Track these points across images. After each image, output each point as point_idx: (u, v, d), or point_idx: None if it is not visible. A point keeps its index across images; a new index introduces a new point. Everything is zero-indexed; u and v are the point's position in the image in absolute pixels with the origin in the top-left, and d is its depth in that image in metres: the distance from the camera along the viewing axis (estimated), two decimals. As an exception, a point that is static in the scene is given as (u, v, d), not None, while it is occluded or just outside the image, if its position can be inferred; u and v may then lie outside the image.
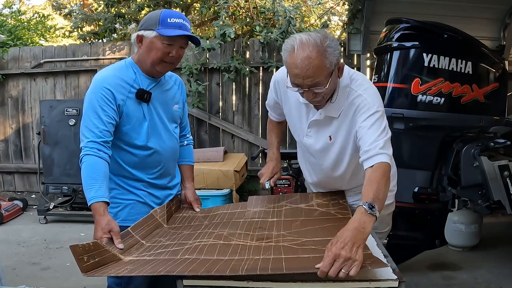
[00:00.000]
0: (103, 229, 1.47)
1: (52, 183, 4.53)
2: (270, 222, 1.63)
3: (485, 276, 3.04)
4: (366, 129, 1.53)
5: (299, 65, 1.46)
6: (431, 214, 3.07)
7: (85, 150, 1.61)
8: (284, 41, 1.56)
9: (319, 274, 1.13)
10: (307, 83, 1.50)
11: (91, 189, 1.55)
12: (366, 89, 1.61)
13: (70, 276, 3.14)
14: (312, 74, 1.47)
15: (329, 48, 1.48)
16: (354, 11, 4.61)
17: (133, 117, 1.72)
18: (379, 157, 1.47)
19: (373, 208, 1.30)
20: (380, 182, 1.41)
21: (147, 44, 1.69)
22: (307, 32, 1.55)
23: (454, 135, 2.94)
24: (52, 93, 5.41)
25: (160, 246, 1.47)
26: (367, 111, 1.55)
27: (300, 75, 1.48)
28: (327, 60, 1.48)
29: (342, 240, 1.18)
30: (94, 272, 1.28)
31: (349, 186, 1.86)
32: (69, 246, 1.30)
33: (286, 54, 1.51)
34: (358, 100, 1.58)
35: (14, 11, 8.50)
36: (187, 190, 1.96)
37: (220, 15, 5.16)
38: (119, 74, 1.72)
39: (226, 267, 1.22)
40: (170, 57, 1.70)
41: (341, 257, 1.14)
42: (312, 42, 1.46)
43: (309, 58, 1.45)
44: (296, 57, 1.47)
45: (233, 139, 5.23)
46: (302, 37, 1.48)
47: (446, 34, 2.75)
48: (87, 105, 1.67)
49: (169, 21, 1.66)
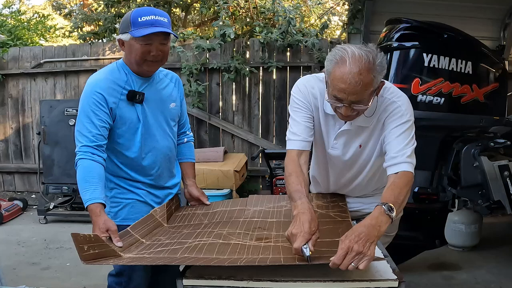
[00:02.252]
0: (101, 229, 1.48)
1: (52, 183, 4.53)
2: (269, 222, 1.64)
3: (485, 276, 3.04)
4: (395, 136, 1.53)
5: (348, 80, 1.38)
6: (431, 214, 3.07)
7: (79, 155, 1.63)
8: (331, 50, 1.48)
9: (331, 265, 1.16)
10: (351, 99, 1.43)
11: (86, 191, 1.56)
12: (400, 97, 1.59)
13: (70, 276, 3.14)
14: (359, 91, 1.41)
15: (379, 66, 1.42)
16: (354, 11, 4.61)
17: (127, 119, 1.72)
18: (405, 165, 1.48)
19: (392, 210, 1.31)
20: (402, 189, 1.43)
21: (127, 47, 1.69)
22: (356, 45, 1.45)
23: (454, 135, 2.94)
24: (52, 93, 5.41)
25: (159, 244, 1.48)
26: (399, 118, 1.54)
27: (347, 91, 1.41)
28: (375, 80, 1.42)
29: (357, 234, 1.20)
30: (93, 261, 1.29)
31: (359, 193, 1.84)
32: (71, 233, 1.31)
33: (333, 65, 1.43)
34: (392, 107, 1.56)
35: (14, 11, 8.51)
36: (190, 187, 1.95)
37: (220, 15, 5.16)
38: (111, 77, 1.71)
39: (225, 261, 1.23)
40: (152, 56, 1.67)
41: (354, 251, 1.16)
42: (364, 58, 1.39)
43: (360, 74, 1.38)
44: (346, 71, 1.39)
45: (233, 139, 5.23)
46: (354, 51, 1.40)
47: (446, 34, 2.75)
48: (80, 110, 1.68)
49: (140, 20, 1.62)
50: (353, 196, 1.85)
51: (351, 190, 1.82)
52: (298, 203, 1.42)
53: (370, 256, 1.16)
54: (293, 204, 1.43)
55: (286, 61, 5.03)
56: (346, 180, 1.78)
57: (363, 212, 1.82)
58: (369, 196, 1.83)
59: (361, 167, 1.71)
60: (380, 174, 1.72)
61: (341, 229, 1.51)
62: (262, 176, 5.13)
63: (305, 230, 1.28)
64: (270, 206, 1.80)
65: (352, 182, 1.78)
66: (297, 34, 4.96)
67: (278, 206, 1.79)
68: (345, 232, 1.43)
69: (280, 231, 1.53)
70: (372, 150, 1.65)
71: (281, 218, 1.68)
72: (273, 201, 1.85)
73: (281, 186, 3.94)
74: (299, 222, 1.32)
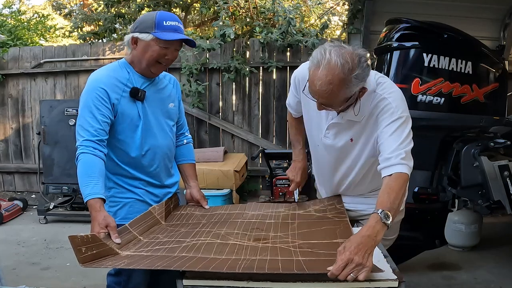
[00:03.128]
0: (100, 224, 1.48)
1: (52, 183, 4.53)
2: (267, 223, 1.64)
3: (485, 276, 3.04)
4: (388, 135, 1.50)
5: (317, 85, 1.40)
6: (431, 214, 3.07)
7: (81, 149, 1.63)
8: (316, 47, 1.50)
9: (329, 275, 1.16)
10: (321, 102, 1.47)
11: (87, 186, 1.56)
12: (391, 93, 1.56)
13: (70, 276, 3.14)
14: (328, 97, 1.42)
15: (355, 79, 1.39)
16: (354, 11, 4.61)
17: (127, 116, 1.73)
18: (400, 167, 1.44)
19: (388, 217, 1.31)
20: (398, 192, 1.41)
21: (142, 46, 1.70)
22: (342, 47, 1.41)
23: (454, 135, 2.94)
24: (52, 93, 5.41)
25: (157, 242, 1.48)
26: (390, 116, 1.51)
27: (316, 94, 1.44)
28: (348, 90, 1.41)
29: (356, 245, 1.20)
30: (91, 263, 1.30)
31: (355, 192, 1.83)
32: (68, 236, 1.31)
33: (311, 65, 1.43)
34: (382, 104, 1.54)
35: (14, 11, 8.52)
36: (192, 188, 1.97)
37: (220, 15, 5.16)
38: (113, 74, 1.73)
39: (223, 265, 1.23)
40: (166, 59, 1.73)
41: (353, 262, 1.17)
42: (339, 68, 1.36)
43: (329, 84, 1.38)
44: (317, 76, 1.39)
45: (233, 139, 5.23)
46: (331, 59, 1.37)
47: (446, 34, 2.75)
48: (82, 105, 1.69)
49: (165, 24, 1.68)
50: (350, 195, 1.84)
51: (346, 188, 1.81)
52: (296, 150, 1.90)
53: (369, 267, 1.18)
54: (293, 150, 1.92)
55: (286, 61, 5.03)
56: (340, 176, 1.77)
57: (360, 213, 1.83)
58: (366, 196, 1.82)
59: (354, 161, 1.69)
60: (373, 173, 1.70)
61: (339, 229, 1.51)
62: (262, 176, 5.13)
63: (297, 179, 1.87)
64: (268, 211, 1.80)
65: (346, 177, 1.76)
66: (297, 34, 4.96)
67: (276, 212, 1.80)
68: (343, 232, 1.44)
69: (278, 232, 1.53)
70: (364, 145, 1.63)
71: (279, 220, 1.68)
72: (271, 207, 1.85)
73: (281, 186, 3.94)
74: (292, 167, 1.89)
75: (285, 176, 3.98)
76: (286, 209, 1.82)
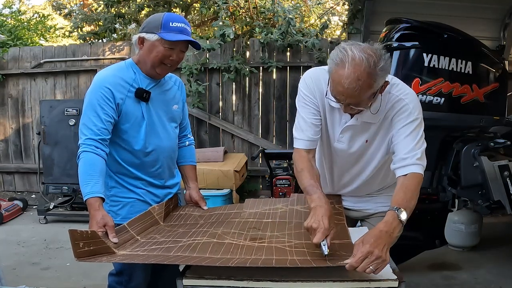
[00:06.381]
0: (98, 223, 1.49)
1: (52, 183, 4.53)
2: (264, 222, 1.64)
3: (485, 276, 3.04)
4: (404, 136, 1.50)
5: (345, 84, 1.36)
6: (431, 214, 3.07)
7: (83, 147, 1.63)
8: (334, 49, 1.43)
9: (348, 267, 1.17)
10: (349, 102, 1.43)
11: (87, 184, 1.57)
12: (408, 94, 1.54)
13: (70, 276, 3.14)
14: (357, 95, 1.38)
15: (381, 71, 1.37)
16: (354, 11, 4.61)
17: (131, 116, 1.74)
18: (415, 167, 1.46)
19: (404, 215, 1.33)
20: (414, 192, 1.42)
21: (148, 46, 1.71)
22: (358, 44, 1.39)
23: (454, 135, 2.94)
24: (52, 93, 5.41)
25: (154, 242, 1.48)
26: (407, 117, 1.51)
27: (344, 94, 1.39)
28: (376, 84, 1.39)
29: (375, 239, 1.22)
30: (86, 258, 1.31)
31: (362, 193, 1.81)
32: (68, 230, 1.32)
33: (333, 66, 1.39)
34: (400, 105, 1.52)
35: (14, 11, 8.51)
36: (192, 190, 1.97)
37: (220, 15, 5.16)
38: (119, 74, 1.74)
39: (217, 262, 1.24)
40: (170, 60, 1.73)
41: (374, 255, 1.17)
42: (365, 62, 1.34)
43: (358, 80, 1.34)
44: (344, 75, 1.35)
45: (233, 139, 5.23)
46: (355, 54, 1.34)
47: (446, 34, 2.75)
48: (87, 104, 1.69)
49: (171, 25, 1.69)
50: (356, 196, 1.81)
51: (354, 190, 1.78)
52: (314, 196, 1.45)
53: (387, 261, 1.19)
54: (309, 198, 1.47)
55: (286, 61, 5.03)
56: (351, 176, 1.74)
57: (366, 213, 1.81)
58: (374, 196, 1.80)
59: (367, 162, 1.68)
60: (384, 172, 1.70)
61: (335, 231, 1.50)
62: (262, 176, 5.14)
63: (325, 226, 1.31)
64: (266, 208, 1.80)
65: (356, 178, 1.74)
66: (297, 34, 4.96)
67: (274, 208, 1.79)
68: (339, 234, 1.43)
69: (274, 231, 1.53)
70: (379, 146, 1.62)
71: (277, 219, 1.68)
72: (269, 204, 1.85)
73: (281, 186, 3.94)
74: (318, 216, 1.35)
75: (285, 176, 3.99)
76: (284, 206, 1.81)
